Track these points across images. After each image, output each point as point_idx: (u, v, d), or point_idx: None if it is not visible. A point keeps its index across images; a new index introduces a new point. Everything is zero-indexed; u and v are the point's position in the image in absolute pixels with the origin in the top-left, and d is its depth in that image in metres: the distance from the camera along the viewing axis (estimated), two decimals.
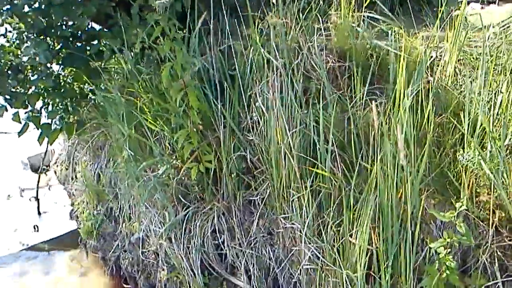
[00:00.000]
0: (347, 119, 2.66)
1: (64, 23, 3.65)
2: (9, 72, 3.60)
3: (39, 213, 4.89)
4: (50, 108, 3.91)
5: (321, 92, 2.71)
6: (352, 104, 2.67)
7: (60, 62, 3.68)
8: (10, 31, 3.71)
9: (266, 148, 2.71)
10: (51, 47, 3.65)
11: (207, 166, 2.89)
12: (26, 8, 3.44)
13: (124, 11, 3.63)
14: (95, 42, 3.81)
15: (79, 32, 3.66)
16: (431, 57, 2.63)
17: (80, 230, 4.09)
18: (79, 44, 3.77)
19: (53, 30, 3.55)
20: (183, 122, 2.84)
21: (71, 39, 3.68)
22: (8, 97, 3.64)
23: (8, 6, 3.38)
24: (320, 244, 2.43)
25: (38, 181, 4.92)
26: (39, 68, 3.59)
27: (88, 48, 3.70)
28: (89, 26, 3.67)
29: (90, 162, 4.24)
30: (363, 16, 2.86)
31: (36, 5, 3.43)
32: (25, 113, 3.81)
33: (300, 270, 2.54)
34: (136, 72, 3.27)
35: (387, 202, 2.21)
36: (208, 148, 2.89)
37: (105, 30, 3.70)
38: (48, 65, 3.63)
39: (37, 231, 4.56)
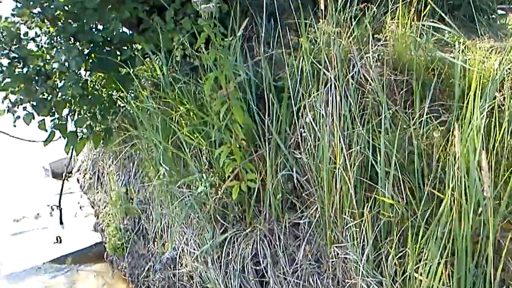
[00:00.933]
0: (407, 138, 2.41)
1: (95, 27, 3.47)
2: (37, 78, 3.42)
3: (62, 223, 4.72)
4: (76, 115, 3.73)
5: (377, 107, 2.48)
6: (412, 121, 2.42)
7: (88, 68, 3.48)
8: (38, 35, 3.53)
9: (316, 167, 2.47)
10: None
11: (250, 185, 2.66)
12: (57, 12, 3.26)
13: (158, 15, 3.44)
14: (126, 47, 3.62)
15: (110, 37, 3.46)
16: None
17: (106, 244, 3.88)
18: (108, 49, 3.58)
19: (84, 35, 3.36)
20: (224, 137, 2.62)
21: (101, 43, 3.49)
22: (35, 104, 3.47)
23: (39, 9, 3.18)
24: (380, 279, 2.19)
25: (62, 189, 4.73)
26: (67, 74, 3.37)
27: (118, 53, 3.50)
28: (120, 31, 3.46)
29: (117, 173, 4.04)
30: (423, 25, 2.61)
31: (68, 8, 3.24)
32: (51, 121, 3.64)
33: None
34: (171, 80, 3.05)
35: (461, 236, 1.96)
36: (251, 165, 2.66)
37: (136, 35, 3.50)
38: (76, 70, 3.45)
39: (60, 242, 4.38)
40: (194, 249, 2.85)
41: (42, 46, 3.49)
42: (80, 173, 5.08)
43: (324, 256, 2.49)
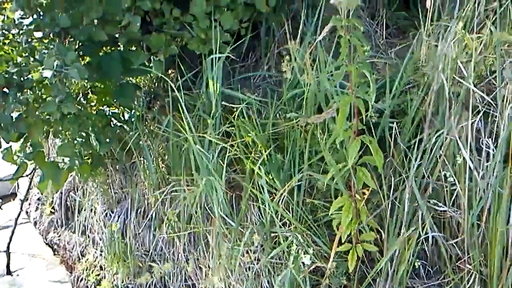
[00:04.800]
0: None
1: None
2: (7, 90, 2.38)
3: (10, 273, 3.57)
4: (59, 141, 2.73)
5: None
6: None
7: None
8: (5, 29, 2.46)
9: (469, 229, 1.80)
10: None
11: (368, 248, 1.93)
12: None
13: (177, 6, 2.54)
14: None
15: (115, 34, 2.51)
16: None
17: None
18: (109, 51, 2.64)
19: (80, 30, 2.38)
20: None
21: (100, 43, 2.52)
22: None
23: None
24: None
25: (15, 227, 3.59)
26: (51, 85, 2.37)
27: (123, 56, 2.55)
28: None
29: (104, 210, 3.07)
30: None
31: None
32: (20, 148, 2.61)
33: None
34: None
35: None
36: (372, 222, 1.92)
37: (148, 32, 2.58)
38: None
39: None
40: None
41: (17, 46, 2.43)
42: (30, 203, 3.95)
43: None
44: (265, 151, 2.08)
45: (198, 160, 2.15)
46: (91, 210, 3.17)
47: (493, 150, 1.76)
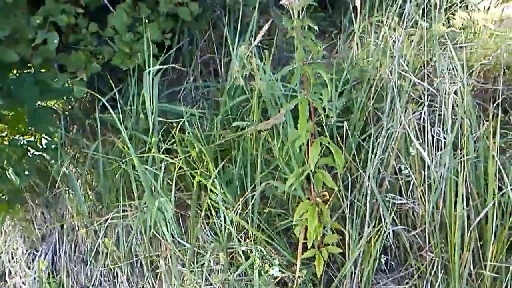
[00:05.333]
0: None
1: None
2: None
3: None
4: None
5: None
6: None
7: None
8: None
9: (424, 214, 1.85)
10: None
11: (332, 251, 1.90)
12: None
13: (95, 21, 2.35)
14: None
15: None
16: None
17: None
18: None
19: None
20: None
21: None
22: None
23: None
24: None
25: None
26: None
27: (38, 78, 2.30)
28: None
29: (26, 250, 2.76)
30: None
31: None
32: None
33: None
34: None
35: None
36: (335, 224, 1.90)
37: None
38: None
39: None
40: None
41: None
42: None
43: None
44: (212, 164, 1.98)
45: (143, 181, 1.99)
46: (9, 252, 2.84)
47: (444, 138, 1.81)
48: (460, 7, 2.38)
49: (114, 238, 2.40)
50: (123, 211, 2.28)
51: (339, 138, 1.98)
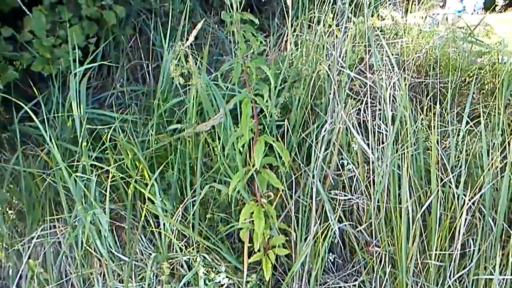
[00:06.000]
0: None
1: None
2: None
3: None
4: None
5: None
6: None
7: None
8: None
9: (369, 209, 1.84)
10: None
11: (279, 253, 1.84)
12: None
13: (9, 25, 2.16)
14: None
15: None
16: None
17: None
18: None
19: None
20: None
21: None
22: None
23: None
24: None
25: None
26: None
27: None
28: None
29: None
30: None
31: None
32: None
33: None
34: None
35: None
36: (282, 225, 1.84)
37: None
38: None
39: None
40: None
41: None
42: None
43: None
44: (148, 171, 1.86)
45: (73, 193, 1.83)
46: None
47: (386, 131, 1.81)
48: (386, 6, 2.44)
49: (41, 258, 2.20)
50: (51, 227, 2.09)
51: (279, 137, 1.93)
